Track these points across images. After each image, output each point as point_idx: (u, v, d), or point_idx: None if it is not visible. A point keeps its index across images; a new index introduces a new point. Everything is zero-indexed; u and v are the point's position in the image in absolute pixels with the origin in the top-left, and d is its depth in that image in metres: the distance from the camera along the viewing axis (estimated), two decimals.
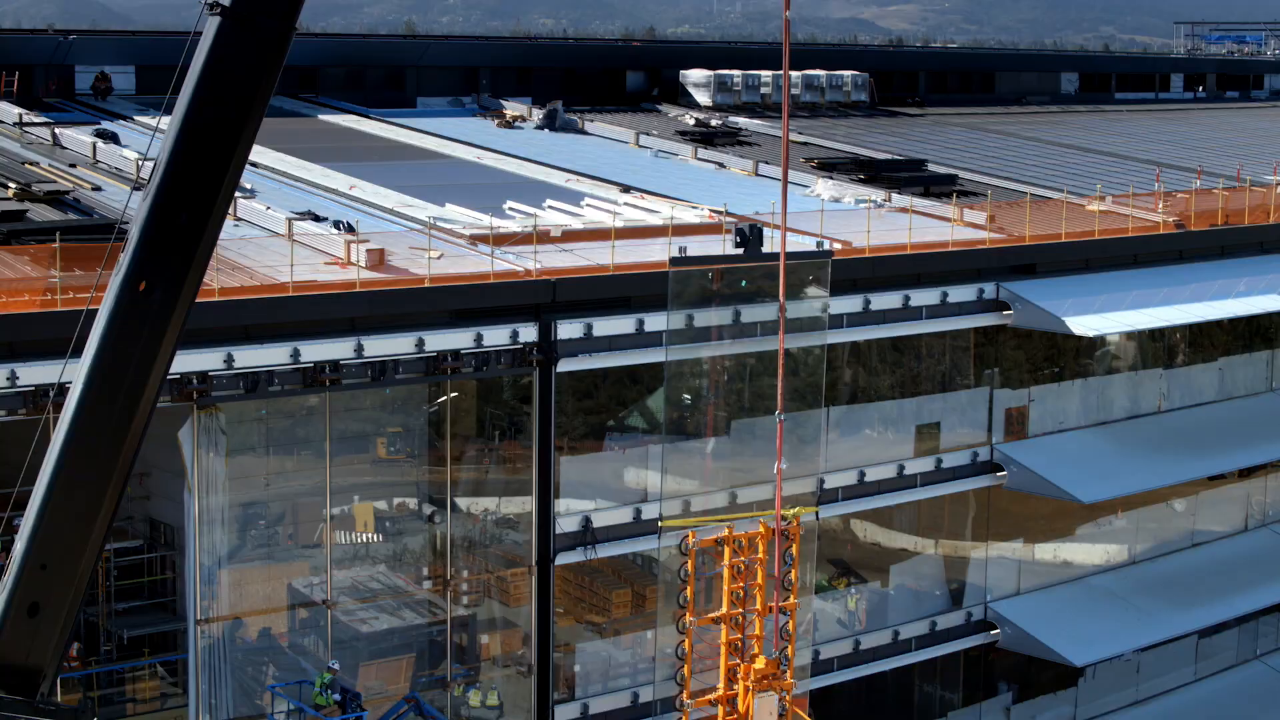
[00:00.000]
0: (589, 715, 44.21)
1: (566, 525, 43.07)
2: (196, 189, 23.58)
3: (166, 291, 23.69)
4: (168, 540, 42.10)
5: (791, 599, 33.81)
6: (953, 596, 52.40)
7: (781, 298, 33.85)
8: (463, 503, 42.88)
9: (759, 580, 33.07)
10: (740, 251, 36.03)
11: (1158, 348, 57.39)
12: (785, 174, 35.47)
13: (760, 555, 32.88)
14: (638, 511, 44.23)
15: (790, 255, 35.63)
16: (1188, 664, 58.91)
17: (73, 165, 49.93)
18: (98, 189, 47.14)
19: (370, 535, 42.23)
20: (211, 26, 23.28)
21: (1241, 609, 57.84)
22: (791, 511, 33.53)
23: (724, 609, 32.81)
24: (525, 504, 43.12)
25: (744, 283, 36.16)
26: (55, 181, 46.23)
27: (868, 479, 49.11)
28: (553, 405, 42.49)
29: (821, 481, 47.96)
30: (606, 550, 43.94)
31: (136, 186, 47.55)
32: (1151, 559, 57.40)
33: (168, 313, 23.77)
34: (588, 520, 43.48)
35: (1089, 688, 55.80)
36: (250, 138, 23.99)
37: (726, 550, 32.61)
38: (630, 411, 46.48)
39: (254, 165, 51.24)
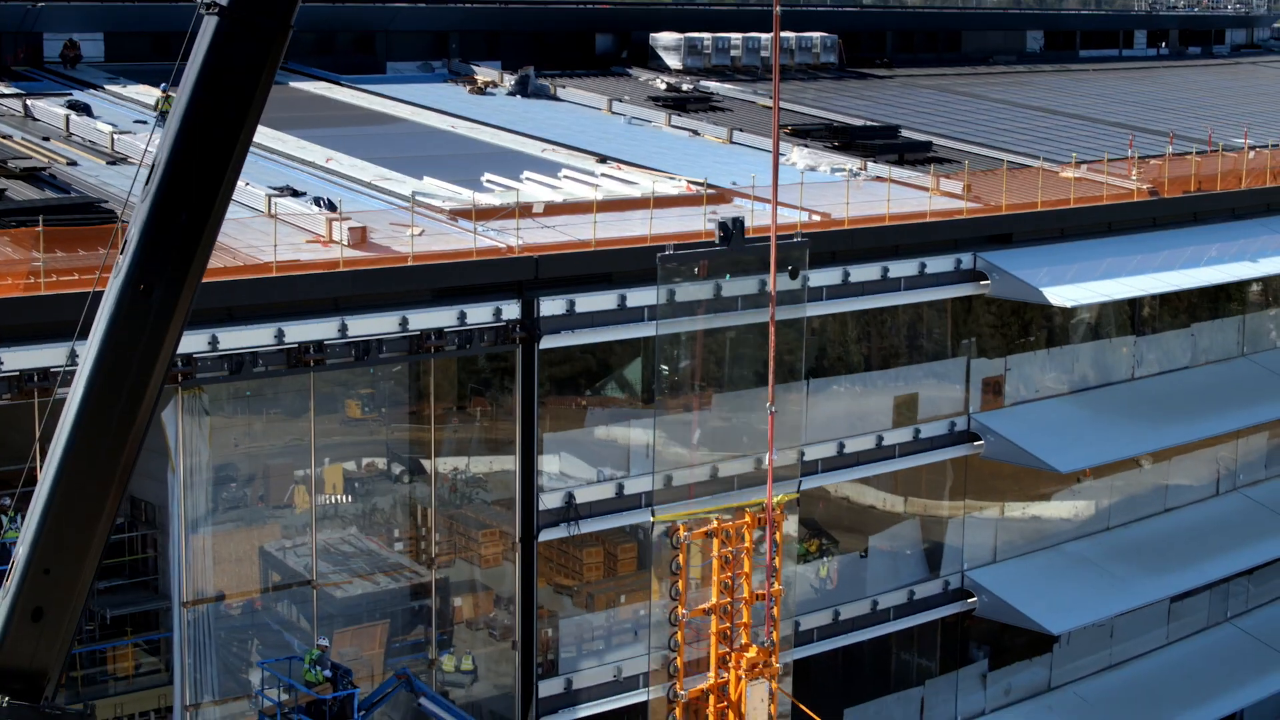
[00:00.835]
0: (572, 690, 44.28)
1: (550, 502, 43.06)
2: (196, 188, 23.49)
3: (167, 292, 23.62)
4: (149, 518, 41.96)
5: (776, 585, 33.99)
6: (928, 557, 52.50)
7: (772, 282, 33.82)
8: (440, 465, 42.59)
9: (746, 569, 33.21)
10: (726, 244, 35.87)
11: (1131, 314, 57.51)
12: (775, 159, 35.42)
13: (747, 544, 33.05)
14: (620, 487, 44.27)
15: (756, 243, 35.71)
16: (1160, 627, 59.25)
17: (46, 139, 49.45)
18: (73, 164, 46.74)
19: (341, 497, 41.89)
20: (209, 26, 23.13)
21: (1214, 575, 58.26)
22: (775, 499, 33.68)
23: (713, 599, 32.93)
24: (494, 463, 43.00)
25: (728, 276, 36.23)
26: (30, 157, 45.81)
27: (847, 450, 49.20)
28: (535, 383, 42.43)
29: (802, 454, 48.09)
30: (590, 526, 43.96)
31: (112, 161, 47.38)
32: (1125, 524, 57.69)
33: (168, 313, 23.69)
34: (570, 496, 43.48)
35: (1063, 652, 56.13)
36: (249, 136, 23.88)
37: (715, 542, 32.75)
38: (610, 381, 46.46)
39: None
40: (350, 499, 42.07)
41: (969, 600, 52.72)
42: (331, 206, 42.91)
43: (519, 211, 43.73)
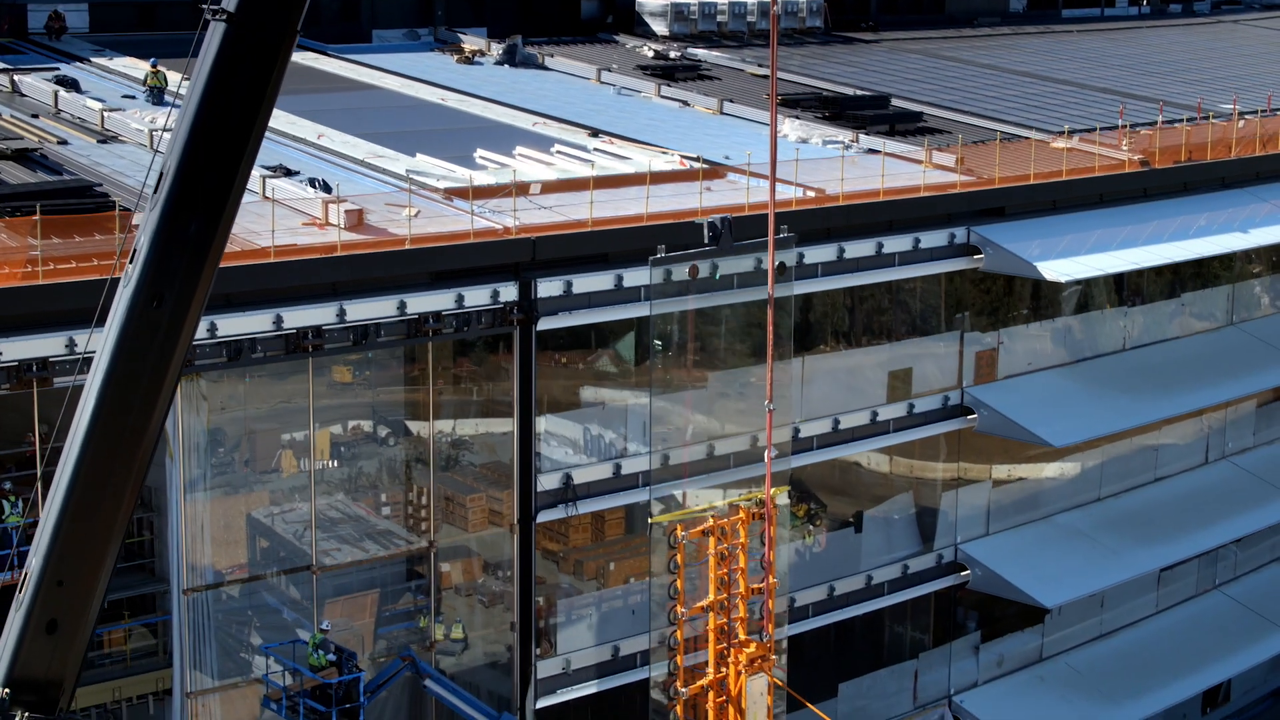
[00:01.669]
0: (570, 670, 44.31)
1: (547, 483, 43.01)
2: (205, 197, 23.18)
3: (177, 302, 23.32)
4: (146, 501, 41.75)
5: (769, 579, 34.05)
6: (920, 526, 52.53)
7: (770, 281, 33.74)
8: (430, 427, 42.43)
9: (741, 564, 33.28)
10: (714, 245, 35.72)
11: (1119, 285, 57.47)
12: (773, 142, 35.26)
13: (742, 540, 33.12)
14: (617, 467, 44.24)
15: (747, 245, 35.66)
16: (1149, 594, 59.41)
17: (35, 116, 49.12)
18: (63, 142, 46.40)
19: (329, 463, 41.59)
20: (216, 33, 22.77)
21: (1205, 544, 58.49)
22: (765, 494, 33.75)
23: (710, 596, 33.02)
24: (479, 426, 42.90)
25: (718, 275, 36.18)
26: (21, 137, 45.48)
27: (842, 426, 49.20)
28: (533, 364, 42.31)
29: (797, 430, 48.11)
30: (588, 506, 43.94)
31: (102, 140, 47.05)
32: (1116, 495, 57.82)
33: (179, 323, 23.43)
34: (568, 477, 43.43)
35: (1054, 621, 56.27)
36: (258, 142, 23.59)
37: (712, 540, 32.81)
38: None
39: None
40: (336, 463, 41.70)
41: (962, 573, 52.81)
42: (327, 188, 42.67)
43: (515, 190, 43.43)
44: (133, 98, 52.32)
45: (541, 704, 43.67)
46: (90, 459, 23.36)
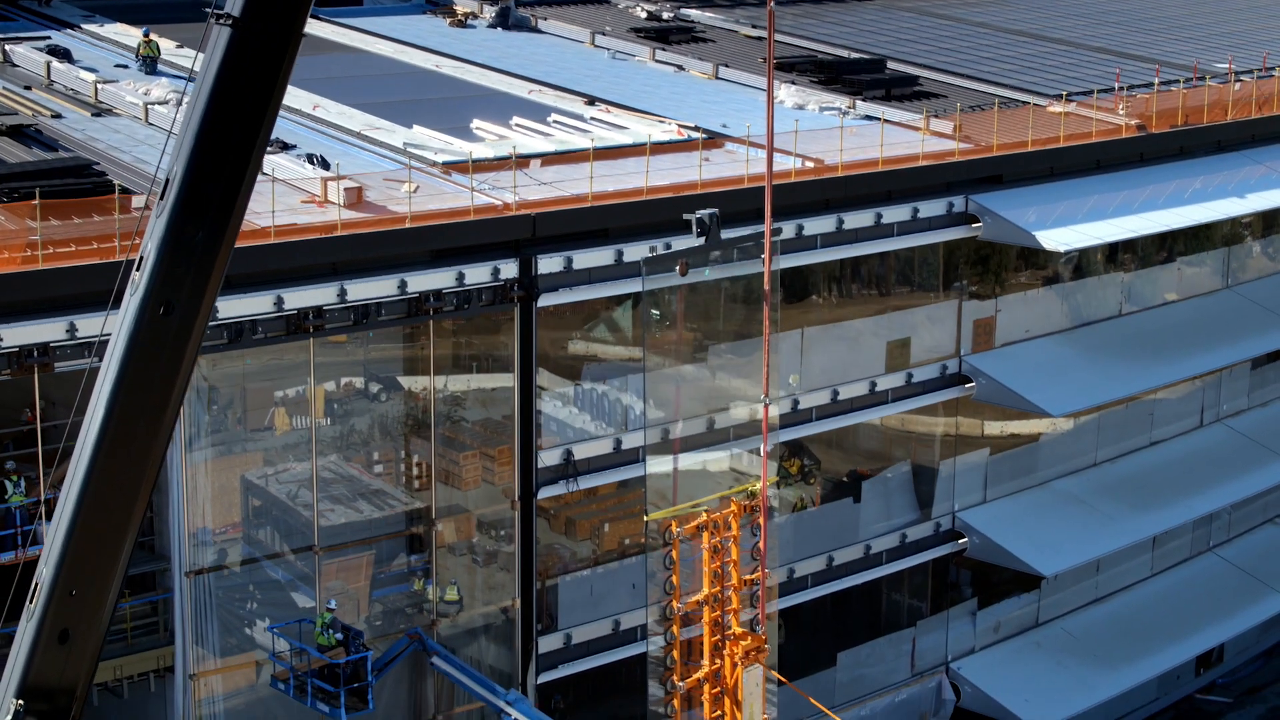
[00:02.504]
0: (571, 645, 44.36)
1: (548, 459, 42.95)
2: (212, 203, 22.94)
3: (185, 310, 23.11)
4: None
5: (761, 570, 34.07)
6: (918, 489, 52.63)
7: (766, 279, 33.58)
8: (424, 382, 42.22)
9: (734, 557, 33.32)
10: (702, 240, 35.43)
11: (1114, 251, 57.29)
12: (770, 116, 35.05)
13: (734, 533, 33.15)
14: (618, 442, 44.17)
15: (732, 240, 35.55)
16: (1144, 555, 59.48)
17: (28, 87, 48.71)
18: (57, 115, 46.05)
19: (323, 421, 41.30)
20: (221, 38, 22.50)
21: (1201, 510, 58.55)
22: (757, 486, 33.68)
23: (705, 589, 33.05)
24: (472, 381, 42.73)
25: (707, 271, 35.98)
26: (15, 110, 45.12)
27: (840, 398, 49.16)
28: (534, 341, 42.18)
29: (796, 402, 48.08)
30: (588, 481, 43.89)
31: (96, 113, 46.71)
32: (1112, 460, 57.87)
33: (187, 330, 23.22)
34: (569, 453, 43.36)
35: (1050, 585, 56.31)
36: (264, 145, 23.37)
37: (705, 535, 32.82)
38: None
39: None
40: (330, 421, 41.44)
41: (960, 541, 52.88)
42: (325, 164, 42.41)
43: (515, 163, 43.13)
44: (125, 67, 51.93)
45: (543, 679, 43.74)
46: (101, 467, 23.20)
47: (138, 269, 22.99)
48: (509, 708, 38.53)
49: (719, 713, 33.57)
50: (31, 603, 23.82)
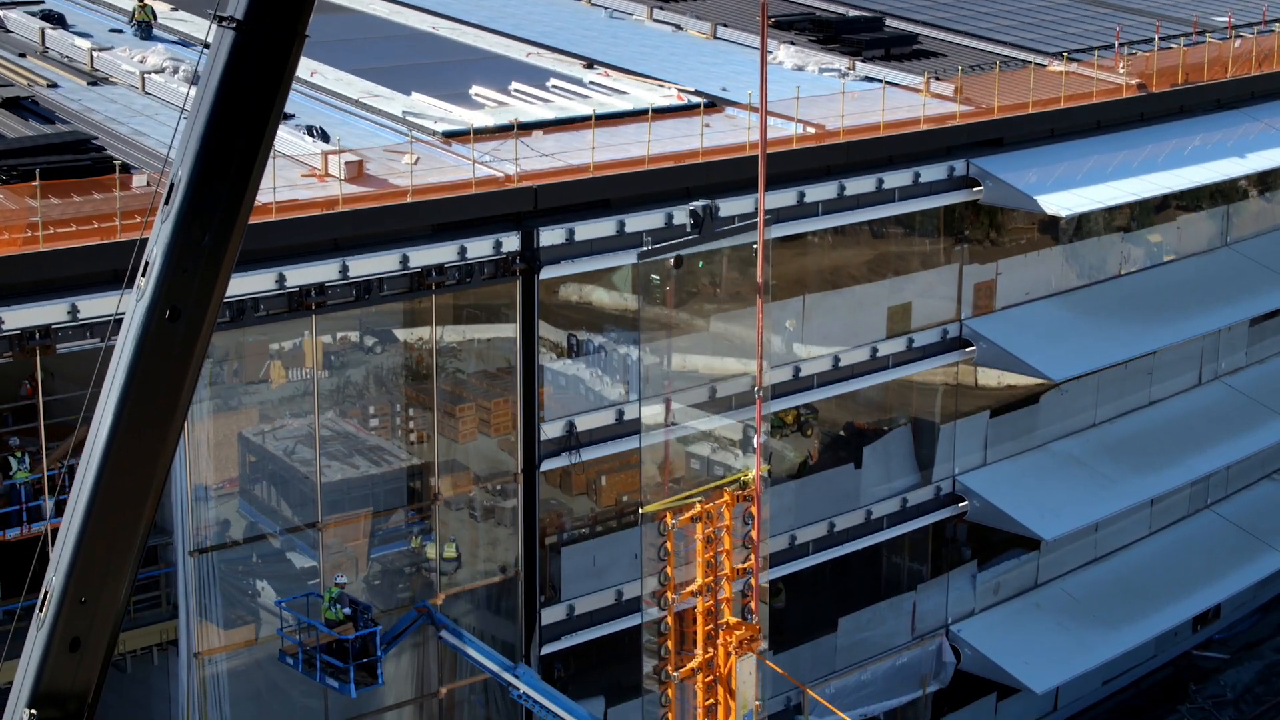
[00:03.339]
0: (574, 616, 44.35)
1: (551, 432, 42.83)
2: (218, 206, 22.65)
3: (192, 314, 22.85)
4: None
5: (753, 558, 34.07)
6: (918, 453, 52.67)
7: (760, 272, 33.31)
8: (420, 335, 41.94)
9: (726, 546, 33.30)
10: (697, 232, 35.22)
11: (1117, 213, 57.10)
12: (764, 88, 34.74)
13: (727, 522, 33.12)
14: (620, 413, 44.04)
15: (727, 232, 35.36)
16: (1142, 515, 59.47)
17: (22, 55, 48.29)
18: (53, 85, 45.66)
19: (320, 373, 40.86)
20: (225, 41, 22.17)
21: (1200, 470, 58.59)
22: (749, 475, 33.63)
23: (698, 580, 33.03)
24: (466, 332, 42.41)
25: (701, 263, 35.87)
26: (11, 82, 44.72)
27: (842, 364, 49.05)
28: (535, 314, 41.99)
29: (797, 370, 47.98)
30: (591, 453, 43.79)
31: (92, 82, 46.33)
32: (1111, 420, 57.82)
33: (195, 334, 22.98)
34: (571, 425, 43.25)
35: (1049, 545, 56.18)
36: (269, 146, 23.09)
37: (699, 526, 32.78)
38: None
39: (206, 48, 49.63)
40: (328, 374, 41.13)
41: (960, 505, 52.89)
42: (325, 136, 42.08)
43: (516, 132, 42.79)
44: (120, 32, 51.49)
45: (546, 650, 43.77)
46: (109, 475, 22.96)
47: (143, 274, 22.72)
48: (517, 681, 38.51)
49: (712, 700, 33.62)
50: (41, 611, 23.62)
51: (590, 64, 53.11)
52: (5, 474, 37.41)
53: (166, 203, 22.64)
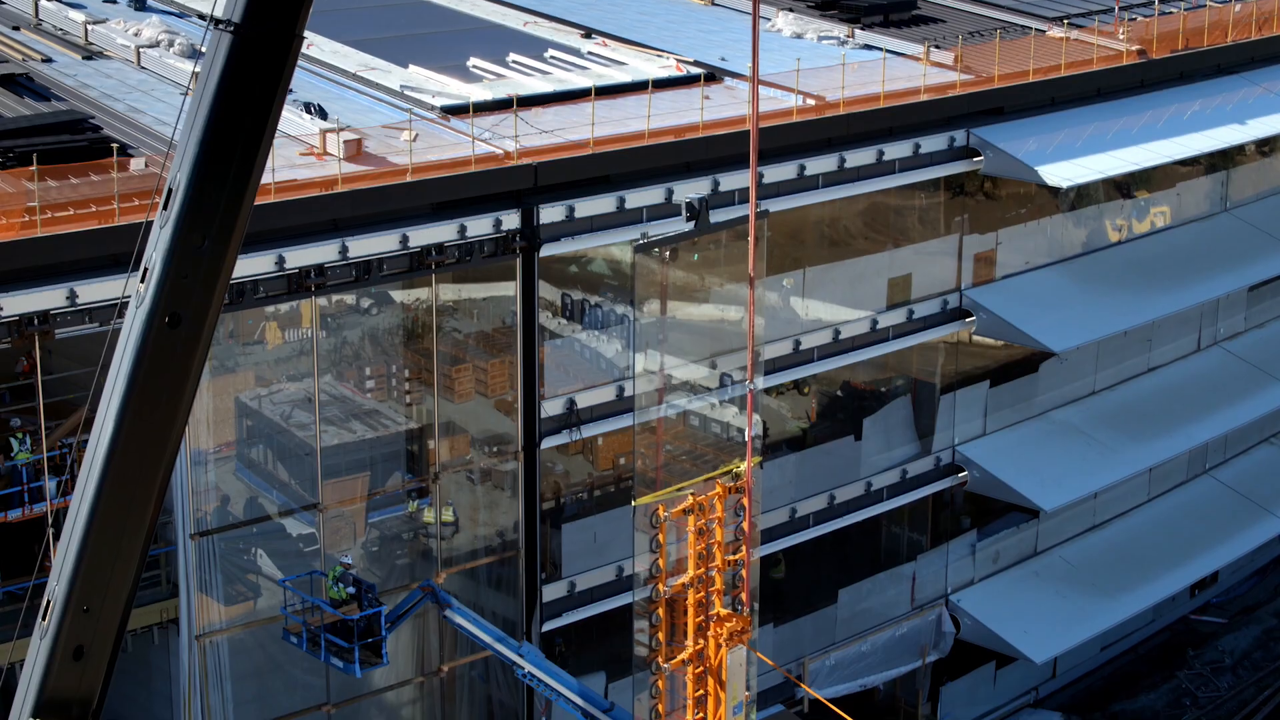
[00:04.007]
0: (575, 593, 44.31)
1: (551, 409, 42.68)
2: (218, 211, 22.44)
3: (193, 320, 22.66)
4: None
5: (744, 551, 33.98)
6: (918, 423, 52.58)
7: (751, 263, 33.05)
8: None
9: (718, 538, 33.21)
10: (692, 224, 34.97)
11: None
12: (756, 91, 34.44)
13: (718, 514, 33.01)
14: (620, 389, 43.88)
15: (722, 224, 35.12)
16: (1141, 481, 59.38)
17: (16, 28, 47.84)
18: (48, 59, 45.24)
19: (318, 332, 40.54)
20: (222, 45, 21.94)
21: (1200, 438, 58.49)
22: (741, 467, 33.52)
23: (690, 572, 32.94)
24: (463, 291, 42.17)
25: (696, 256, 35.66)
26: (6, 58, 44.32)
27: (842, 336, 48.90)
28: (536, 292, 41.78)
29: (797, 343, 47.84)
30: (591, 430, 43.66)
31: (87, 56, 45.98)
32: (1110, 387, 57.72)
33: (195, 339, 22.80)
34: (572, 402, 43.10)
35: (1048, 512, 56.18)
36: (267, 149, 22.89)
37: (691, 519, 32.68)
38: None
39: (203, 19, 49.24)
40: (324, 333, 40.78)
41: (959, 475, 52.83)
42: (323, 114, 41.76)
43: (515, 108, 42.44)
44: (114, 2, 50.98)
45: (547, 627, 43.74)
46: (111, 483, 22.82)
47: (142, 281, 22.49)
48: (522, 660, 38.43)
49: (702, 691, 33.61)
50: (44, 620, 23.50)
51: (588, 33, 52.73)
52: (6, 455, 37.29)
53: (164, 208, 22.41)
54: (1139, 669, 60.96)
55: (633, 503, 34.35)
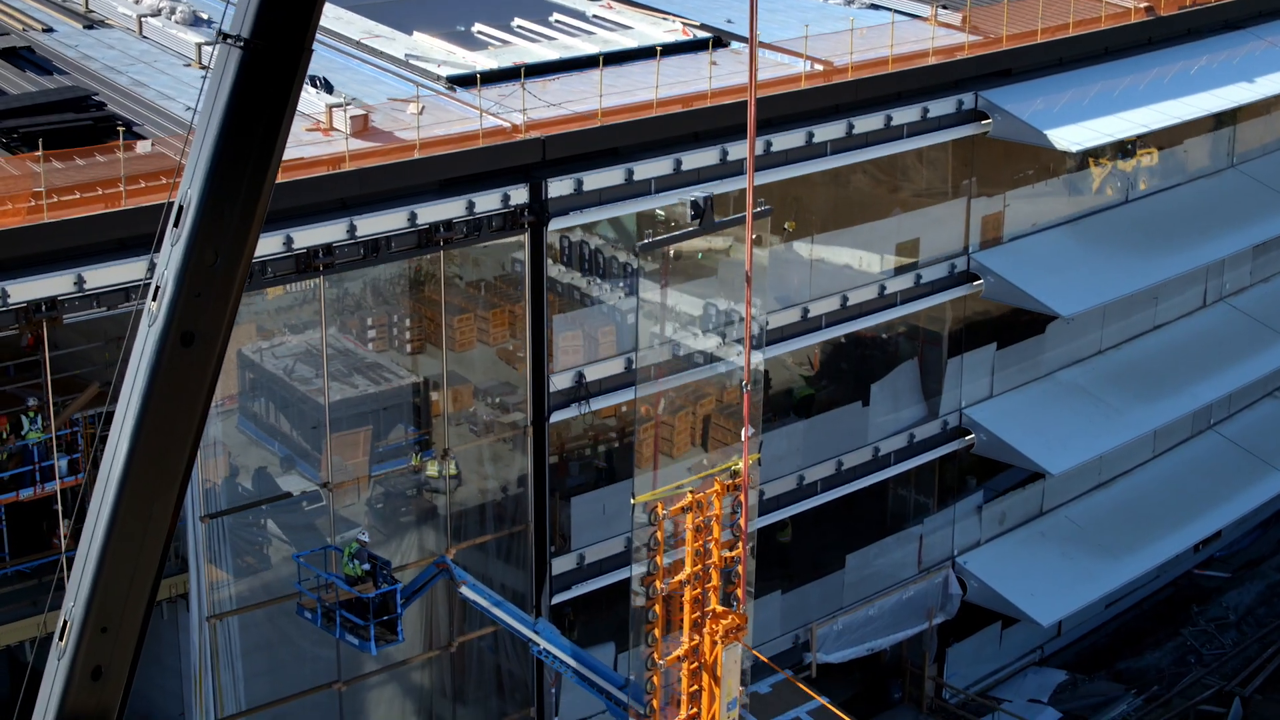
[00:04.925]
0: (585, 565, 44.26)
1: (560, 383, 42.52)
2: (231, 224, 22.13)
3: (207, 337, 22.39)
4: None
5: (740, 547, 33.88)
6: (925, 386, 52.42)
7: (749, 258, 32.73)
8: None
9: (715, 535, 33.11)
10: (697, 222, 34.66)
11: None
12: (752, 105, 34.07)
13: (716, 511, 32.90)
14: (629, 362, 43.70)
15: (726, 222, 34.86)
16: (1146, 439, 59.22)
17: None
18: (49, 29, 44.82)
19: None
20: (231, 60, 21.56)
21: (1206, 397, 58.39)
22: (739, 465, 33.38)
23: (688, 569, 32.84)
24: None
25: (700, 255, 35.49)
26: (8, 30, 43.89)
27: (850, 303, 48.69)
28: (544, 266, 41.53)
29: (806, 310, 47.65)
30: (600, 403, 43.51)
31: (88, 25, 45.57)
32: (1116, 346, 57.55)
33: (209, 356, 22.53)
34: (581, 376, 42.92)
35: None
36: (278, 162, 22.58)
37: (689, 516, 32.55)
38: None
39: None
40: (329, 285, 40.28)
41: (967, 438, 52.72)
42: (329, 87, 41.35)
43: (522, 78, 42.06)
44: None
45: (557, 600, 43.73)
46: (127, 501, 22.53)
47: (154, 299, 22.18)
48: (537, 637, 38.36)
49: (696, 687, 33.59)
50: (61, 641, 23.31)
51: None
52: (17, 434, 37.16)
53: (175, 225, 22.09)
54: (1144, 626, 61.09)
55: (632, 501, 34.25)
